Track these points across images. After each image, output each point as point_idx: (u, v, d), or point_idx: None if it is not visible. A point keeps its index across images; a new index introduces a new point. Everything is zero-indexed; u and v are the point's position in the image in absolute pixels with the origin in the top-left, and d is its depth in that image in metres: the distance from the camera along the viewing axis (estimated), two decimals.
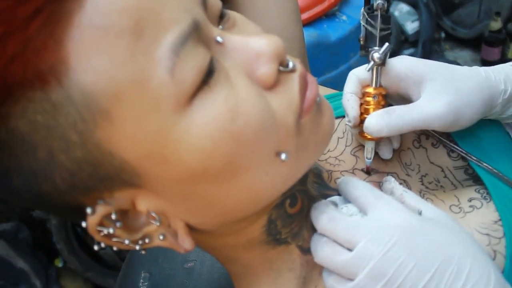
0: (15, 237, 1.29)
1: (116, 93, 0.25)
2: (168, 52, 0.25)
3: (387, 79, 0.40)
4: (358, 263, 0.31)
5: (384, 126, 0.38)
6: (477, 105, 0.38)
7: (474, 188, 0.41)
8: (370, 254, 0.31)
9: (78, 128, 0.25)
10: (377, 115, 0.38)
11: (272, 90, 0.29)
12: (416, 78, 0.39)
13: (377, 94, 0.39)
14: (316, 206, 0.35)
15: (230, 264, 0.38)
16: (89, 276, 1.33)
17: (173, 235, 0.31)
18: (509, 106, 0.41)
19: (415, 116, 0.38)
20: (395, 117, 0.38)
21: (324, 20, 1.23)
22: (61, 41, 0.24)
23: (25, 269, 1.25)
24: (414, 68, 0.39)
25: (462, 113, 0.38)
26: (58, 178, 0.26)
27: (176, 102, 0.26)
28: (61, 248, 1.30)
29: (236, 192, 0.29)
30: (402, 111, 0.38)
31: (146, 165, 0.27)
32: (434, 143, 0.43)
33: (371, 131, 0.38)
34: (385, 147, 0.42)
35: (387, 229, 0.31)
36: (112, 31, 0.24)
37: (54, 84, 0.24)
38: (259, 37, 0.29)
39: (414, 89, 0.39)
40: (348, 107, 0.40)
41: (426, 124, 0.38)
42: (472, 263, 0.31)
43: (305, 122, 0.30)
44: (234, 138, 0.27)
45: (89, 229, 0.28)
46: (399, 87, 0.40)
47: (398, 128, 0.38)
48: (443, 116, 0.38)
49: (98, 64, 0.24)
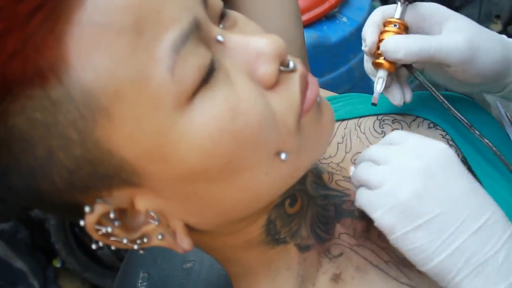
0: (13, 237, 1.29)
1: (116, 91, 0.25)
2: (169, 51, 0.25)
3: (410, 18, 0.40)
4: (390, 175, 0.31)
5: (401, 47, 0.37)
6: (496, 54, 0.38)
7: None
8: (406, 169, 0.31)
9: (78, 126, 0.25)
10: (396, 36, 0.38)
11: (272, 89, 0.29)
12: (439, 17, 0.39)
13: (398, 22, 0.39)
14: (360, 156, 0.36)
15: (228, 265, 0.38)
16: (87, 277, 1.33)
17: (172, 235, 0.31)
18: None
19: (433, 43, 0.37)
20: (414, 40, 0.38)
21: (325, 21, 1.23)
22: (61, 38, 0.24)
23: (23, 269, 1.25)
24: (440, 9, 0.39)
25: (481, 53, 0.38)
26: (56, 177, 0.26)
27: (176, 101, 0.26)
28: (59, 248, 1.30)
29: (236, 192, 0.29)
30: (422, 37, 0.38)
31: (145, 164, 0.27)
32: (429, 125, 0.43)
33: (387, 49, 0.38)
34: (395, 90, 0.41)
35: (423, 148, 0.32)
36: (112, 29, 0.24)
37: (54, 82, 0.24)
38: (260, 37, 0.29)
39: (436, 28, 0.39)
40: (368, 32, 0.40)
41: (443, 54, 0.38)
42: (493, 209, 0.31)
43: (305, 122, 0.30)
44: (234, 137, 0.27)
45: (87, 228, 0.28)
46: (422, 27, 0.40)
47: (415, 52, 0.37)
48: (460, 48, 0.37)
49: (98, 62, 0.24)
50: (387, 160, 0.32)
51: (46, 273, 1.32)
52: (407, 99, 0.42)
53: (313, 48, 1.15)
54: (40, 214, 1.32)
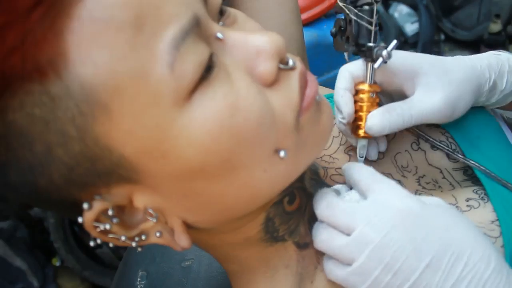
0: (13, 236, 1.29)
1: (116, 87, 0.25)
2: (169, 47, 0.25)
3: (380, 75, 0.39)
4: (356, 248, 0.31)
5: (386, 126, 0.38)
6: (468, 95, 0.39)
7: (472, 188, 0.41)
8: (368, 238, 0.31)
9: (77, 122, 0.25)
10: (379, 115, 0.38)
11: (272, 87, 0.29)
12: (410, 73, 0.39)
13: (373, 91, 0.39)
14: (317, 194, 0.35)
15: (227, 262, 0.38)
16: (87, 275, 1.33)
17: (170, 233, 0.31)
18: (493, 94, 0.42)
19: (414, 113, 0.38)
20: (396, 116, 0.38)
21: (324, 20, 1.23)
22: (61, 34, 0.24)
23: (22, 268, 1.25)
24: (407, 62, 0.39)
25: (457, 105, 0.39)
26: (55, 173, 0.26)
27: (176, 97, 0.26)
28: (59, 247, 1.29)
29: (234, 189, 0.29)
30: (402, 109, 0.38)
31: (144, 161, 0.27)
32: (433, 146, 0.43)
33: (374, 130, 0.38)
34: (371, 147, 0.41)
35: (386, 212, 0.31)
36: (112, 24, 0.24)
37: (53, 77, 0.24)
38: (259, 34, 0.29)
39: (408, 83, 0.39)
40: (342, 103, 0.39)
41: (425, 119, 0.38)
42: (472, 246, 0.31)
43: (304, 120, 0.30)
44: (233, 134, 0.27)
45: (85, 224, 0.28)
46: (393, 83, 0.40)
47: (398, 127, 0.38)
48: (441, 110, 0.38)
49: (97, 58, 0.24)
50: (350, 230, 0.32)
51: (45, 272, 1.32)
52: (382, 149, 0.42)
53: (313, 47, 1.15)
54: (40, 213, 1.32)
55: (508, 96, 0.42)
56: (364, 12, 0.39)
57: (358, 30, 0.39)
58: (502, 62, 0.41)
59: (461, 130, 0.43)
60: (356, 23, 0.38)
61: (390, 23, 1.92)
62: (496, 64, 0.41)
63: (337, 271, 0.32)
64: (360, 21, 0.39)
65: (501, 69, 0.41)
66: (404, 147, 0.43)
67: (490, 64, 0.41)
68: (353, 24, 0.39)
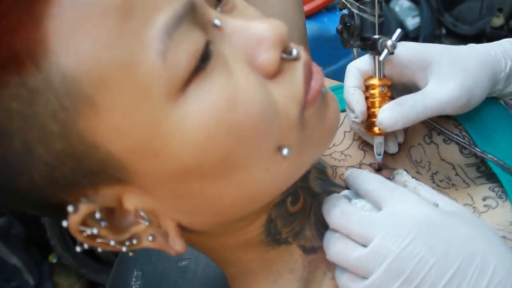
0: (8, 233, 1.27)
1: (102, 79, 0.22)
2: (160, 34, 0.23)
3: (390, 68, 0.37)
4: (374, 260, 0.29)
5: (399, 119, 0.35)
6: (484, 82, 0.37)
7: (488, 186, 0.39)
8: (387, 250, 0.29)
9: (58, 117, 0.23)
10: (390, 108, 0.36)
11: (274, 79, 0.27)
12: (421, 63, 0.37)
13: (383, 85, 0.37)
14: (327, 200, 0.33)
15: (226, 266, 0.36)
16: (83, 272, 1.32)
17: (164, 236, 0.29)
18: (510, 82, 0.40)
19: (428, 103, 0.36)
20: (408, 107, 0.36)
21: (325, 13, 1.21)
22: (40, 20, 0.21)
23: (17, 265, 1.24)
24: (417, 53, 0.37)
25: (474, 93, 0.37)
26: (36, 172, 0.24)
27: (169, 89, 0.23)
28: (55, 244, 1.29)
29: (233, 190, 0.27)
30: (414, 100, 0.36)
31: (134, 159, 0.24)
32: (445, 139, 0.41)
33: (386, 125, 0.36)
34: (390, 141, 0.40)
35: (405, 223, 0.29)
36: (97, 9, 0.22)
37: (31, 68, 0.22)
38: (260, 21, 0.26)
39: (420, 74, 0.37)
40: (354, 102, 0.37)
41: (440, 110, 0.36)
42: (497, 259, 0.29)
43: (309, 115, 0.28)
44: (232, 130, 0.25)
45: (71, 229, 0.26)
46: (404, 75, 0.38)
47: (413, 119, 0.36)
48: (457, 99, 0.36)
49: (81, 46, 0.22)
50: (367, 241, 0.30)
51: (41, 269, 1.30)
52: (400, 140, 0.40)
53: (314, 40, 1.13)
54: None
55: None
56: (366, 5, 0.37)
57: (361, 24, 0.37)
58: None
59: (475, 123, 0.41)
60: (358, 16, 0.37)
61: (391, 17, 1.90)
62: (511, 50, 0.39)
63: (352, 285, 0.30)
64: (362, 14, 0.37)
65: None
66: (418, 140, 0.41)
67: (505, 50, 0.39)
68: (355, 18, 0.37)
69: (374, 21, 0.37)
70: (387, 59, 0.37)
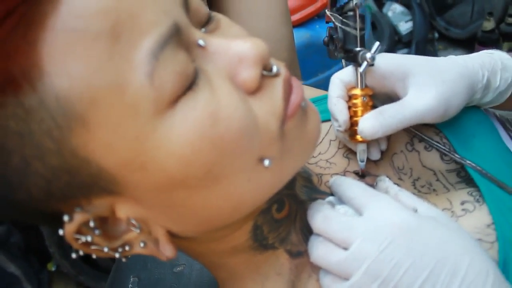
0: (6, 241, 1.28)
1: (92, 99, 0.24)
2: (147, 57, 0.24)
3: (371, 79, 0.39)
4: (353, 263, 0.31)
5: (379, 128, 0.37)
6: (462, 93, 0.38)
7: (467, 190, 0.41)
8: (366, 253, 0.30)
9: (53, 135, 0.24)
10: (370, 117, 0.38)
11: (255, 95, 0.28)
12: (401, 74, 0.38)
13: (365, 95, 0.39)
14: (311, 206, 0.34)
15: (216, 270, 0.38)
16: (82, 280, 1.32)
17: (154, 243, 0.30)
18: (488, 92, 0.41)
19: (407, 113, 0.37)
20: (388, 117, 0.37)
21: (317, 20, 1.23)
22: (35, 45, 0.23)
23: (16, 274, 1.24)
24: (397, 64, 0.38)
25: (451, 103, 0.38)
26: (33, 186, 0.26)
27: (156, 107, 0.25)
28: (54, 251, 1.29)
29: (218, 199, 0.28)
30: (394, 110, 0.37)
31: (124, 173, 0.26)
32: (426, 147, 0.43)
33: (366, 134, 0.37)
34: (373, 148, 0.41)
35: (383, 228, 0.31)
36: (88, 34, 0.23)
37: (27, 89, 0.23)
38: (242, 41, 0.28)
39: (400, 84, 0.39)
40: (337, 111, 0.39)
41: (419, 119, 0.38)
42: (470, 261, 0.30)
43: (289, 128, 0.29)
44: (215, 144, 0.26)
45: (66, 237, 0.28)
46: (385, 85, 0.39)
47: (392, 128, 0.37)
48: (434, 108, 0.37)
49: (73, 69, 0.23)
50: (347, 244, 0.31)
51: (40, 277, 1.31)
52: (383, 148, 0.42)
53: (306, 47, 1.14)
54: None
55: (502, 94, 0.42)
56: (349, 19, 0.39)
57: (344, 37, 0.39)
58: (495, 60, 0.41)
59: (455, 129, 0.42)
60: (341, 29, 0.39)
61: (384, 22, 1.92)
62: (489, 62, 0.41)
63: (334, 287, 0.32)
64: (345, 28, 0.39)
65: (494, 67, 0.40)
66: (400, 147, 0.43)
67: (483, 62, 0.40)
68: (338, 31, 0.39)
69: (356, 34, 0.39)
70: (368, 70, 0.38)
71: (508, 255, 0.35)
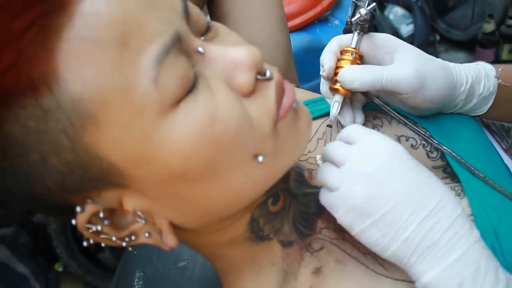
0: (15, 242, 1.30)
1: (103, 101, 0.27)
2: (152, 63, 0.27)
3: (365, 47, 0.43)
4: (343, 177, 0.35)
5: (357, 78, 0.41)
6: (440, 81, 0.42)
7: (450, 185, 0.43)
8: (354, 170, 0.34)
9: (68, 133, 0.27)
10: (352, 67, 0.41)
11: (250, 97, 0.31)
12: (391, 47, 0.42)
13: (354, 52, 0.43)
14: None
15: (215, 261, 0.40)
16: (89, 280, 1.35)
17: (158, 233, 0.33)
18: (472, 97, 0.44)
19: (385, 74, 0.41)
20: (368, 71, 0.41)
21: (317, 24, 1.25)
22: (52, 52, 0.26)
23: (25, 273, 1.26)
24: (391, 40, 0.43)
25: (428, 82, 0.41)
26: (49, 180, 0.28)
27: (160, 109, 0.28)
28: (61, 252, 1.31)
29: (216, 192, 0.31)
30: (375, 68, 0.41)
31: (130, 168, 0.29)
32: (413, 144, 0.45)
33: (344, 78, 0.41)
34: (347, 113, 0.44)
35: (373, 151, 0.35)
36: (99, 43, 0.26)
37: (45, 92, 0.26)
38: (238, 48, 0.31)
39: (388, 57, 0.43)
40: (325, 59, 0.43)
41: (395, 84, 0.41)
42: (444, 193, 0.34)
43: (281, 127, 0.32)
44: (212, 142, 0.29)
45: (79, 226, 0.30)
46: (375, 55, 0.43)
47: (369, 82, 0.41)
48: (410, 78, 0.41)
49: (86, 74, 0.26)
50: (343, 162, 0.35)
51: (48, 277, 1.33)
52: (358, 121, 0.45)
53: (306, 51, 1.17)
54: (42, 219, 1.34)
55: (485, 100, 0.44)
56: None
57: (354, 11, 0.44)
58: (479, 68, 0.44)
59: (437, 126, 0.45)
60: (353, 4, 0.44)
61: (386, 24, 1.93)
62: (473, 69, 0.44)
63: (325, 194, 0.36)
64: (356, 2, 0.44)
65: (478, 75, 0.44)
66: None
67: (467, 69, 0.44)
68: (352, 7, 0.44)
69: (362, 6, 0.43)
70: (365, 37, 0.43)
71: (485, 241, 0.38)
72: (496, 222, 0.39)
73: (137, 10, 0.27)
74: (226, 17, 0.54)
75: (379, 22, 1.93)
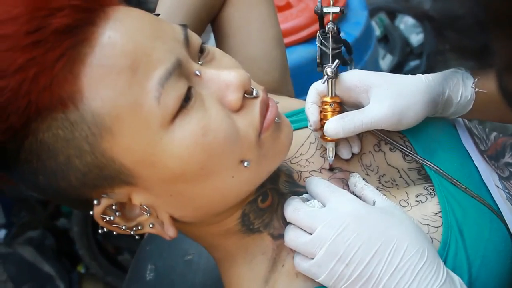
0: (42, 244, 1.37)
1: (117, 115, 0.33)
2: (156, 85, 0.33)
3: (339, 89, 0.46)
4: (316, 244, 0.38)
5: (340, 129, 0.44)
6: (417, 106, 0.45)
7: (423, 185, 0.47)
8: (326, 237, 0.38)
9: (89, 140, 0.33)
10: (334, 120, 0.45)
11: (238, 112, 0.37)
12: (364, 86, 0.45)
13: (333, 102, 0.46)
14: (286, 201, 0.42)
15: (212, 250, 0.46)
16: (109, 280, 1.39)
17: (160, 224, 0.39)
18: (450, 105, 0.47)
19: (364, 119, 0.44)
20: (348, 121, 0.44)
21: None
22: (78, 76, 0.32)
23: (50, 273, 1.33)
24: (361, 78, 0.45)
25: (405, 114, 0.45)
26: (73, 177, 0.35)
27: (161, 122, 0.34)
28: (83, 254, 1.37)
29: (209, 190, 0.37)
30: (353, 115, 0.44)
31: (138, 169, 0.35)
32: (391, 148, 0.49)
33: (329, 134, 0.45)
34: (343, 149, 0.48)
35: (340, 216, 0.38)
36: (115, 69, 0.33)
37: (72, 108, 0.33)
38: (229, 71, 0.37)
39: (363, 96, 0.45)
40: (309, 114, 0.46)
41: (375, 124, 0.44)
42: (409, 242, 0.37)
43: (265, 138, 0.38)
44: (205, 149, 0.35)
45: (95, 216, 0.37)
46: (350, 96, 0.46)
47: (351, 131, 0.44)
48: (388, 117, 0.44)
49: (104, 94, 0.33)
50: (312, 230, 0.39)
51: (71, 277, 1.40)
52: (355, 151, 0.48)
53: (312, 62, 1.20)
54: (65, 223, 1.41)
55: (464, 107, 0.48)
56: (327, 40, 0.46)
57: (321, 55, 0.47)
58: (457, 77, 0.47)
59: (418, 135, 0.49)
60: (319, 48, 0.47)
61: (396, 34, 1.95)
62: (450, 78, 0.47)
63: (302, 264, 0.39)
64: (321, 47, 0.46)
65: (456, 84, 0.47)
66: (368, 148, 0.49)
67: (445, 80, 0.47)
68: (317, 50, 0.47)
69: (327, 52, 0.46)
70: (337, 82, 0.45)
71: (449, 237, 0.43)
72: (461, 219, 0.44)
73: (145, 42, 0.34)
74: (227, 36, 0.60)
75: (390, 32, 1.95)
